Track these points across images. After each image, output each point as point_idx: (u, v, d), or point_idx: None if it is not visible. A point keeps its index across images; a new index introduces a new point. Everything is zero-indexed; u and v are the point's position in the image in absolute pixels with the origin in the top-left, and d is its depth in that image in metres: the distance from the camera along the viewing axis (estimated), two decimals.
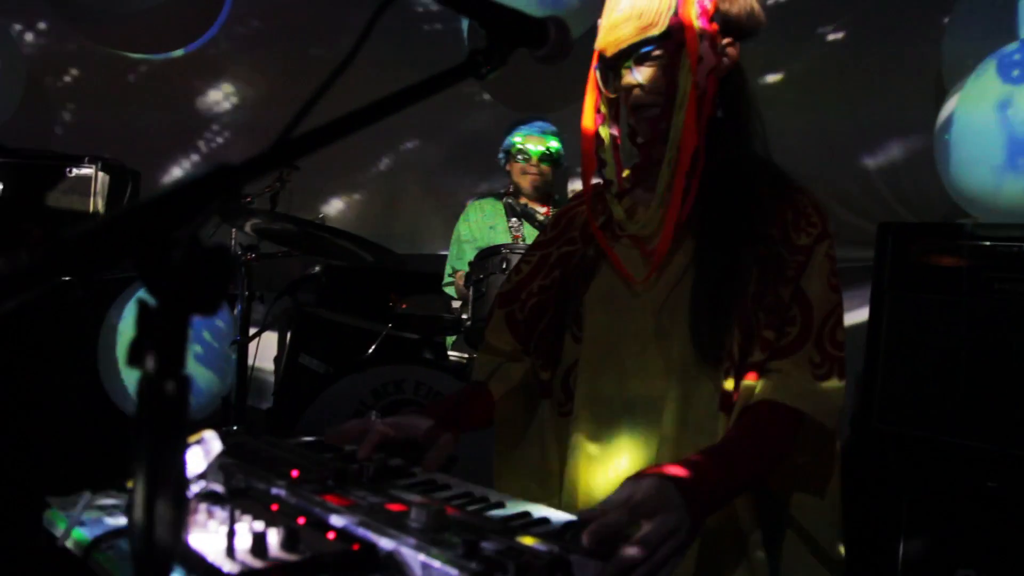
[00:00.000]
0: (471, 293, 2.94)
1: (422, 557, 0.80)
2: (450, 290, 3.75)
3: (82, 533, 0.92)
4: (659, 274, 1.37)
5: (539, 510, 1.05)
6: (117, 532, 0.99)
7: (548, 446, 1.51)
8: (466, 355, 3.15)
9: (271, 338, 4.20)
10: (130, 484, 0.80)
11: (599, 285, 1.45)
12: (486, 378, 1.56)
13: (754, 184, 1.34)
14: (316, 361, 3.48)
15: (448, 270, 3.79)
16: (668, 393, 1.31)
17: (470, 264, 3.02)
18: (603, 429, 1.39)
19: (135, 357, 0.68)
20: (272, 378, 4.14)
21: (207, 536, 0.83)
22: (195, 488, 0.82)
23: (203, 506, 0.83)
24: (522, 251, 2.86)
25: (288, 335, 3.90)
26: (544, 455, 1.51)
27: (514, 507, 1.07)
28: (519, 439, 1.58)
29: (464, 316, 2.98)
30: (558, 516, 1.02)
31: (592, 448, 1.40)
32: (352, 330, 3.30)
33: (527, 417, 1.57)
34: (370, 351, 2.90)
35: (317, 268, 3.74)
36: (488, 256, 2.91)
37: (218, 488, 0.77)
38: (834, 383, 1.26)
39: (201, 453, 0.83)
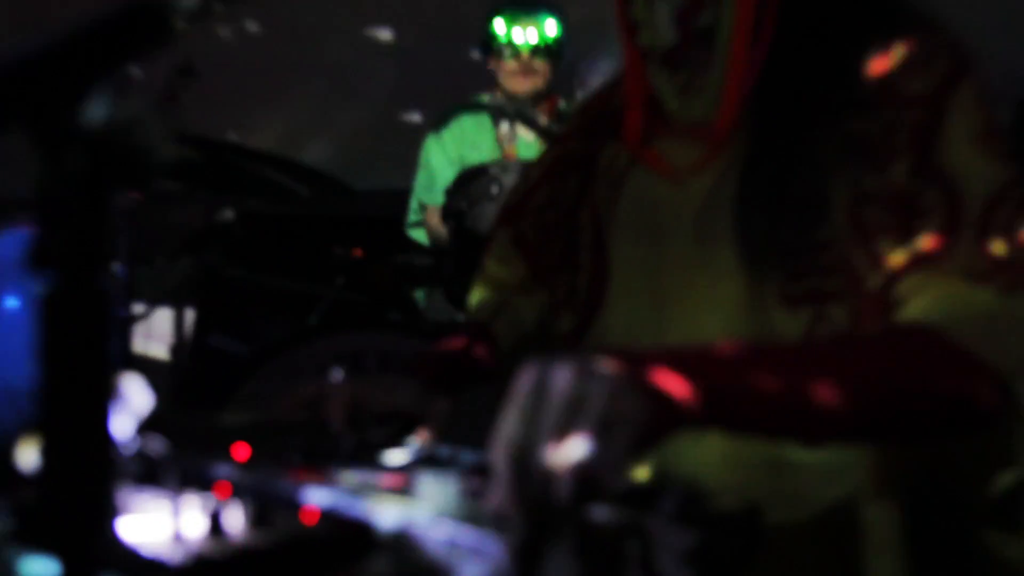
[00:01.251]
0: (449, 231, 2.93)
1: (443, 532, 0.79)
2: (418, 234, 3.73)
3: None
4: (710, 179, 1.34)
5: None
6: None
7: None
8: (447, 316, 3.14)
9: (166, 317, 4.18)
10: (24, 447, 0.78)
11: (631, 199, 1.43)
12: (489, 318, 1.56)
13: (843, 23, 1.30)
14: (233, 341, 3.46)
15: (413, 206, 3.77)
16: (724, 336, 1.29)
17: (447, 193, 3.00)
18: None
19: (38, 257, 0.67)
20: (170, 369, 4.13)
21: (138, 520, 0.81)
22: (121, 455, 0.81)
23: (126, 481, 0.82)
24: (518, 170, 2.85)
25: (191, 310, 3.88)
26: None
27: None
28: None
29: (441, 263, 2.97)
30: None
31: None
32: (284, 296, 3.28)
33: None
34: (312, 317, 2.88)
35: (229, 214, 3.70)
36: (471, 179, 2.90)
37: (157, 447, 0.76)
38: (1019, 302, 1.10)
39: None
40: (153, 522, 0.81)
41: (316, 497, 0.92)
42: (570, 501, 0.80)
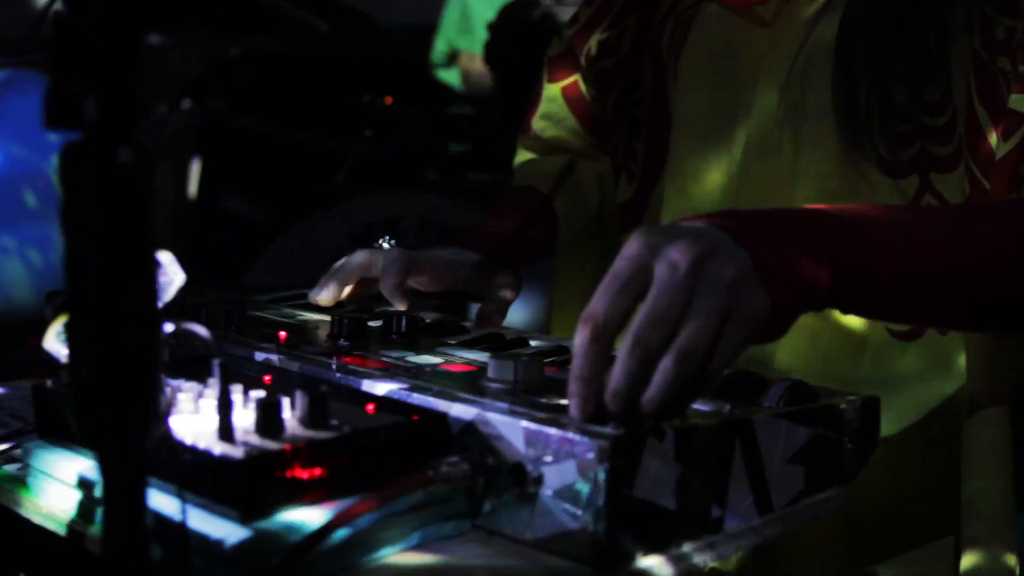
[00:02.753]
0: (494, 75, 2.89)
1: (527, 424, 0.81)
2: (450, 76, 3.69)
3: None
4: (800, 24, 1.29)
5: None
6: (21, 431, 1.01)
7: None
8: (492, 175, 3.13)
9: (164, 175, 4.18)
10: (56, 326, 0.80)
11: (703, 42, 1.40)
12: (550, 187, 1.55)
13: None
14: (247, 204, 3.48)
15: (440, 47, 3.72)
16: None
17: (491, 28, 2.95)
18: None
19: (61, 111, 0.67)
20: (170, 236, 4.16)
21: (178, 415, 0.84)
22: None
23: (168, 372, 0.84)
24: (575, 2, 2.78)
25: (195, 166, 3.89)
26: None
27: None
28: (592, 285, 1.59)
29: (484, 114, 2.94)
30: None
31: None
32: (303, 150, 3.27)
33: (604, 252, 1.57)
34: (337, 176, 2.88)
35: (234, 53, 3.67)
36: (519, 12, 2.83)
37: (202, 331, 0.77)
38: None
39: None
40: (202, 417, 0.83)
41: (377, 387, 0.94)
42: (671, 397, 0.80)
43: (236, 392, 0.85)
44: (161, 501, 0.75)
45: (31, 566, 1.02)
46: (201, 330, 0.77)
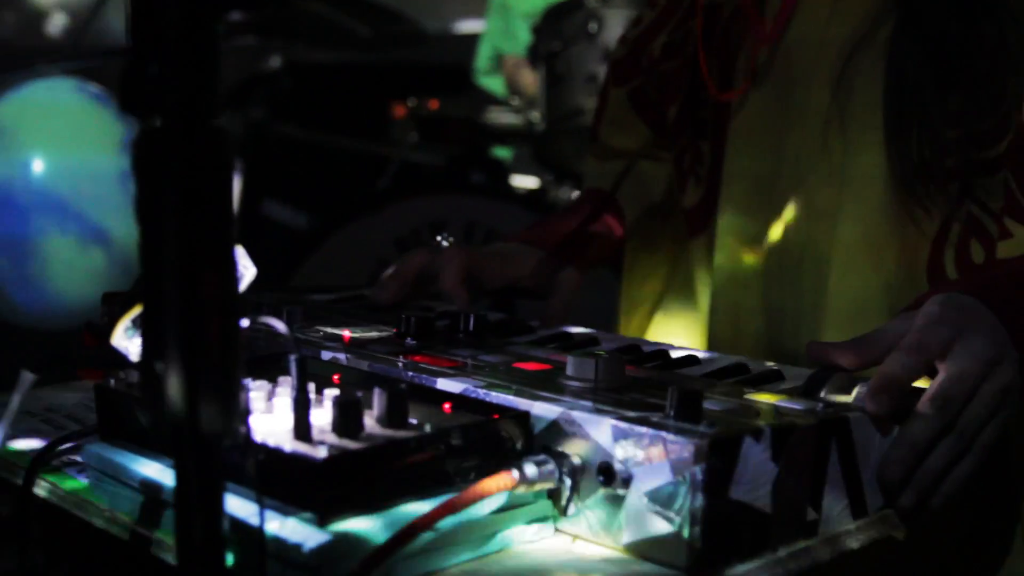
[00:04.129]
0: (540, 77, 2.86)
1: (616, 422, 0.77)
2: (494, 83, 3.66)
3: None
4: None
5: (751, 364, 1.03)
6: (82, 432, 0.97)
7: (699, 294, 1.47)
8: (537, 180, 3.09)
9: None
10: (125, 322, 0.76)
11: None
12: (613, 186, 1.51)
13: None
14: (290, 211, 3.45)
15: (487, 53, 3.69)
16: (837, 253, 1.23)
17: (535, 31, 2.92)
18: (752, 284, 1.33)
19: (138, 95, 0.63)
20: None
21: (263, 415, 0.80)
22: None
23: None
24: (619, 2, 2.75)
25: (236, 176, 3.87)
26: (695, 305, 1.48)
27: (711, 362, 1.05)
28: (661, 286, 1.56)
29: (528, 115, 2.91)
30: (771, 369, 1.02)
31: (738, 310, 1.36)
32: (346, 156, 3.25)
33: (671, 251, 1.53)
34: (382, 180, 2.85)
35: (276, 61, 3.65)
36: (564, 14, 2.80)
37: (280, 326, 0.73)
38: None
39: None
40: (275, 416, 0.79)
41: (452, 385, 0.90)
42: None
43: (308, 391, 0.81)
44: (233, 504, 0.72)
45: (92, 571, 0.99)
46: (280, 325, 0.73)
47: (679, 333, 1.52)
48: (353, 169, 3.24)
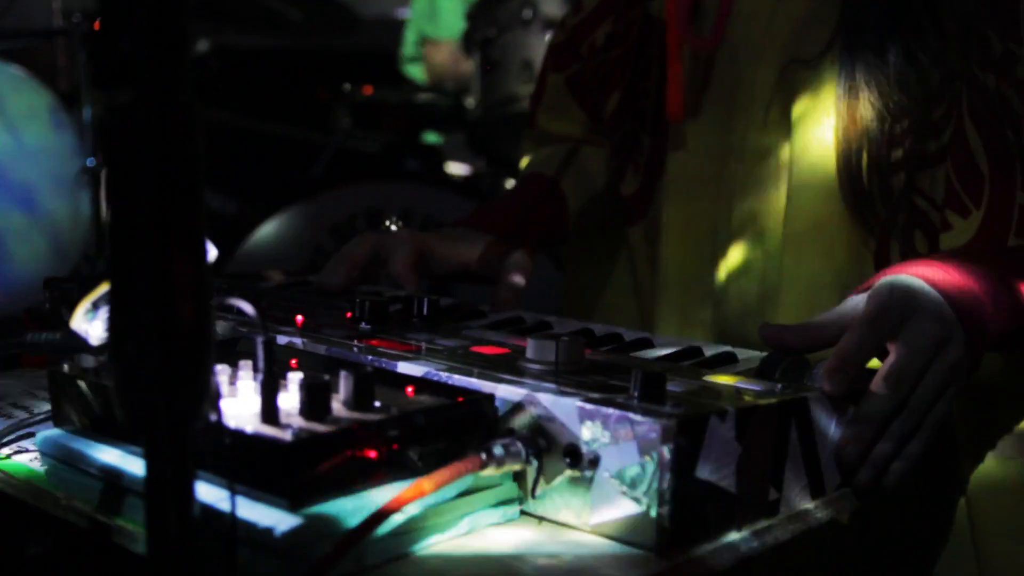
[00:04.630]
0: (475, 63, 2.85)
1: (582, 403, 0.77)
2: (415, 70, 3.63)
3: None
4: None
5: (704, 347, 1.04)
6: (27, 422, 0.95)
7: (640, 281, 1.48)
8: (470, 167, 3.09)
9: None
10: (85, 304, 0.75)
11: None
12: (556, 172, 1.52)
13: None
14: (220, 197, 3.41)
15: (412, 38, 3.67)
16: (788, 243, 1.25)
17: (470, 17, 2.91)
18: (698, 277, 1.35)
19: (110, 70, 0.62)
20: None
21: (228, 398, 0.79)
22: None
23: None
24: None
25: None
26: (638, 292, 1.49)
27: (665, 344, 1.06)
28: (604, 272, 1.56)
29: (465, 102, 2.90)
30: (725, 351, 1.03)
31: (685, 297, 1.38)
32: (278, 143, 3.21)
33: (613, 238, 1.54)
34: (315, 167, 2.82)
35: (203, 44, 3.60)
36: (498, 1, 2.80)
37: (248, 307, 0.72)
38: None
39: None
40: (240, 400, 0.79)
41: (413, 368, 0.89)
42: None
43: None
44: (201, 490, 0.70)
45: (48, 560, 0.97)
46: (247, 307, 0.72)
47: (621, 320, 1.53)
48: (285, 155, 3.20)
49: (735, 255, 1.31)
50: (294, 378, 0.79)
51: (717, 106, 1.33)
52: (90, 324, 0.77)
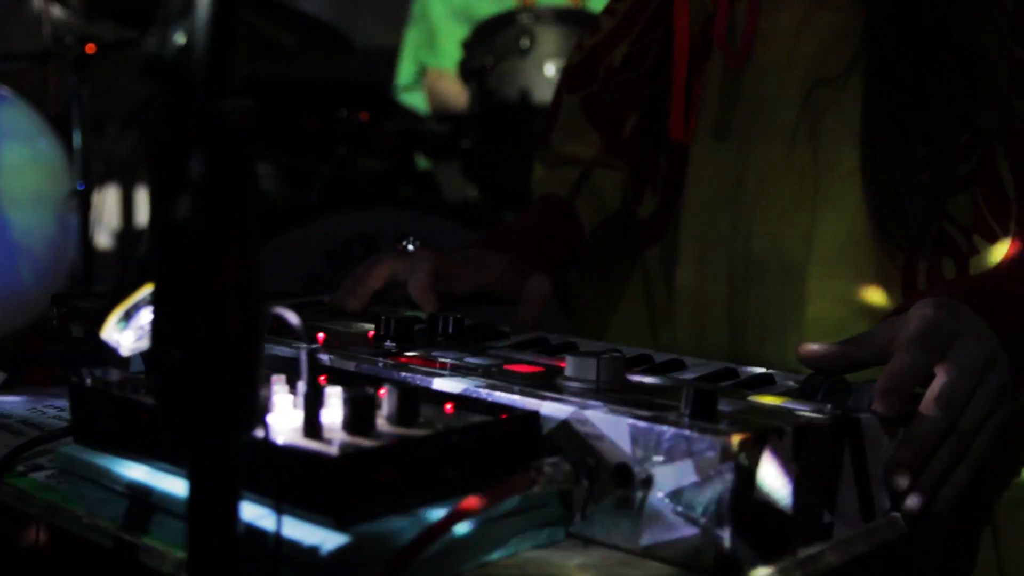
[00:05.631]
0: (472, 92, 2.84)
1: (633, 421, 0.74)
2: (415, 99, 3.62)
3: None
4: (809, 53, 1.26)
5: (738, 369, 1.02)
6: (53, 434, 0.92)
7: (655, 303, 1.46)
8: (465, 194, 3.06)
9: (113, 196, 4.10)
10: (117, 314, 0.71)
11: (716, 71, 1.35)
12: (570, 194, 1.49)
13: None
14: None
15: (408, 68, 3.65)
16: (814, 264, 1.24)
17: (466, 47, 2.89)
18: (714, 301, 1.33)
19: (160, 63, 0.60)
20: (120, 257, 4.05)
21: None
22: None
23: None
24: (552, 19, 2.75)
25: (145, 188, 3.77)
26: (651, 315, 1.47)
27: (699, 366, 1.03)
28: (616, 296, 1.54)
29: (458, 131, 2.88)
30: (763, 373, 1.01)
31: (701, 320, 1.36)
32: (273, 167, 3.17)
33: (627, 260, 1.52)
34: (310, 193, 2.79)
35: None
36: (495, 30, 2.79)
37: (293, 317, 0.68)
38: None
39: None
40: (279, 415, 0.75)
41: (450, 385, 0.86)
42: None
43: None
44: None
45: None
46: (292, 316, 0.68)
47: (633, 344, 1.51)
48: (283, 181, 3.17)
49: (755, 278, 1.29)
50: (331, 393, 0.76)
51: (739, 127, 1.31)
52: (122, 334, 0.73)
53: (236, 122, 0.61)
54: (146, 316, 0.73)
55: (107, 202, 4.15)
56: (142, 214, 4.24)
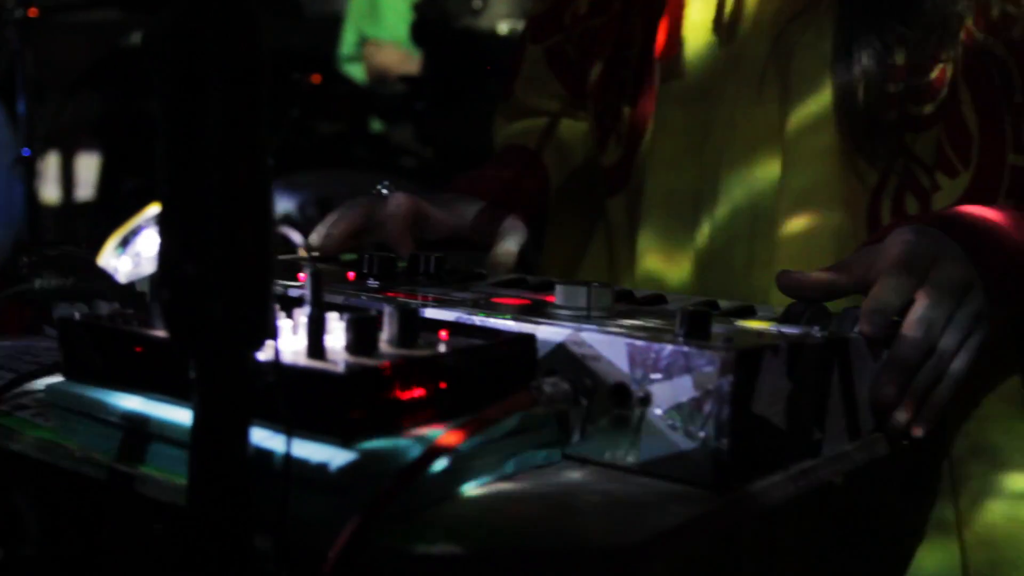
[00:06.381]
0: (424, 54, 2.82)
1: (631, 340, 0.75)
2: (355, 70, 3.59)
3: None
4: None
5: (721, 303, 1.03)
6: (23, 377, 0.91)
7: (617, 250, 1.46)
8: (417, 156, 3.05)
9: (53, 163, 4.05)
10: (114, 240, 0.71)
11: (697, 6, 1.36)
12: (537, 146, 1.49)
13: None
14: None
15: (350, 38, 3.63)
16: (783, 203, 1.25)
17: (418, 8, 2.87)
18: (679, 245, 1.34)
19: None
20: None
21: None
22: None
23: None
24: None
25: (92, 156, 3.72)
26: (613, 264, 1.48)
27: (680, 300, 1.04)
28: (580, 246, 1.55)
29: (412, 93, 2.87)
30: (742, 304, 1.02)
31: (664, 264, 1.36)
32: None
33: (593, 214, 1.53)
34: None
35: (139, 37, 3.52)
36: None
37: (296, 236, 0.68)
38: None
39: None
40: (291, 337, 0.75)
41: (438, 314, 0.87)
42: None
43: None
44: None
45: (59, 514, 0.92)
46: (296, 235, 0.68)
47: None
48: None
49: (722, 222, 1.29)
50: (331, 318, 0.76)
51: (706, 73, 1.32)
52: (119, 260, 0.73)
53: (247, 29, 0.61)
54: (143, 241, 0.73)
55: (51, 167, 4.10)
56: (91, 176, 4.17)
